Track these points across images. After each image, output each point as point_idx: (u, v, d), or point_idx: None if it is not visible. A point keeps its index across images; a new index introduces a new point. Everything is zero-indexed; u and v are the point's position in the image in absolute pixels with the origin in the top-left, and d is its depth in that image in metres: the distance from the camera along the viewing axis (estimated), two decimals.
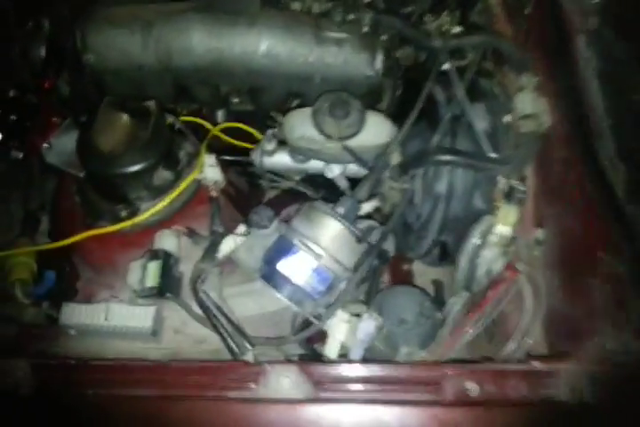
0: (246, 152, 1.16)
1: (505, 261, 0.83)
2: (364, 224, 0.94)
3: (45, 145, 1.01)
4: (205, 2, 1.02)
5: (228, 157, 1.18)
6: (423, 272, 1.13)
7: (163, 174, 0.94)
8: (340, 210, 0.88)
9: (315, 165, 1.06)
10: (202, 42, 1.02)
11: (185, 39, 1.02)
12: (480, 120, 0.93)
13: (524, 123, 0.87)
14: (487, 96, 0.96)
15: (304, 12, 1.07)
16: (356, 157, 0.96)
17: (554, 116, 0.86)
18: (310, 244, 0.83)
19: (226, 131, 1.19)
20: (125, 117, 0.93)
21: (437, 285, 1.10)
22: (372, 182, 0.94)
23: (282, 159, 1.07)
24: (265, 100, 1.17)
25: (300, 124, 0.97)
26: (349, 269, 0.85)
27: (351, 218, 0.88)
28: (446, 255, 0.98)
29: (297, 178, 1.16)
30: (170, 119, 1.04)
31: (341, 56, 1.04)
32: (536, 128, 0.86)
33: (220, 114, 1.24)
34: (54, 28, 1.06)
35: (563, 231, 0.83)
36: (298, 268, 0.82)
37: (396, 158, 0.95)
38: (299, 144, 0.98)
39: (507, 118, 0.92)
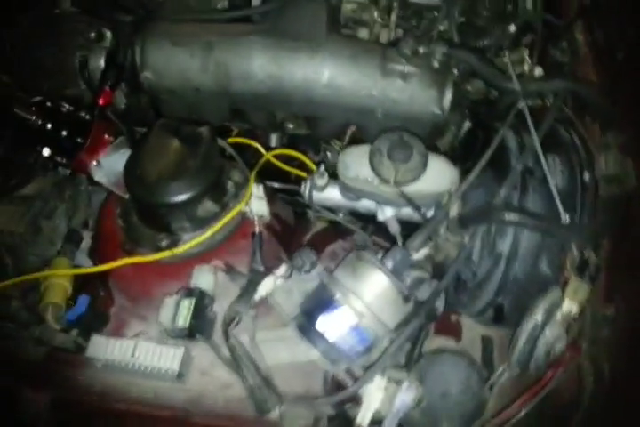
0: (296, 179, 1.12)
1: (568, 339, 0.74)
2: (413, 275, 0.87)
3: (94, 163, 0.99)
4: (269, 25, 0.97)
5: (277, 185, 1.14)
6: (472, 326, 1.04)
7: (207, 206, 0.90)
8: (389, 263, 0.81)
9: (366, 204, 1.00)
10: (262, 68, 0.97)
11: (245, 64, 0.98)
12: (556, 175, 0.85)
13: (605, 185, 0.78)
14: (566, 148, 0.88)
15: (371, 41, 1.01)
16: (413, 204, 0.89)
17: None
18: (353, 299, 0.77)
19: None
20: (176, 143, 0.90)
21: (487, 342, 1.01)
22: (427, 234, 0.86)
23: (332, 195, 1.01)
24: (322, 129, 1.12)
25: (356, 164, 0.91)
26: (392, 329, 0.78)
27: (400, 273, 0.82)
28: (501, 318, 0.89)
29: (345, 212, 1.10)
30: (221, 143, 1.01)
31: (407, 91, 0.98)
32: (619, 193, 0.77)
33: (274, 138, 1.20)
34: (115, 39, 1.03)
35: (637, 310, 0.74)
36: (337, 325, 0.76)
37: (455, 209, 0.88)
38: (352, 184, 0.92)
39: (586, 177, 0.83)
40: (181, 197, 0.86)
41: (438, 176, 0.90)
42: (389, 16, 1.07)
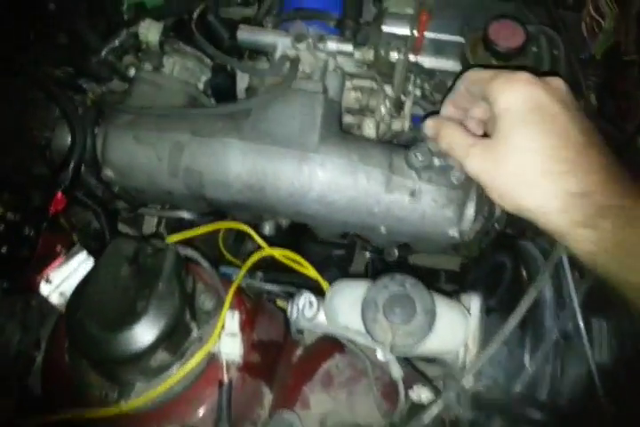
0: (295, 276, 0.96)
1: None
2: None
3: (44, 279, 0.84)
4: (250, 125, 0.79)
5: (269, 286, 0.98)
6: None
7: (162, 356, 0.75)
8: None
9: (362, 339, 0.83)
10: (240, 178, 0.80)
11: (220, 172, 0.80)
12: (601, 348, 0.66)
13: None
14: (616, 310, 0.68)
15: (375, 143, 0.81)
16: (414, 367, 0.72)
17: None
18: None
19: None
20: (127, 277, 0.74)
21: None
22: (437, 411, 0.69)
23: (322, 325, 0.84)
24: (318, 233, 0.94)
25: (347, 312, 0.74)
26: None
27: None
28: None
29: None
30: (193, 256, 0.85)
31: (417, 211, 0.79)
32: None
33: (267, 227, 1.03)
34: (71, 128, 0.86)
35: None
36: None
37: (469, 382, 0.69)
38: (342, 333, 0.75)
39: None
40: (127, 352, 0.71)
41: (447, 335, 0.72)
42: (402, 103, 0.87)
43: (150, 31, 0.90)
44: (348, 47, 0.81)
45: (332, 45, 0.81)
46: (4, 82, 0.95)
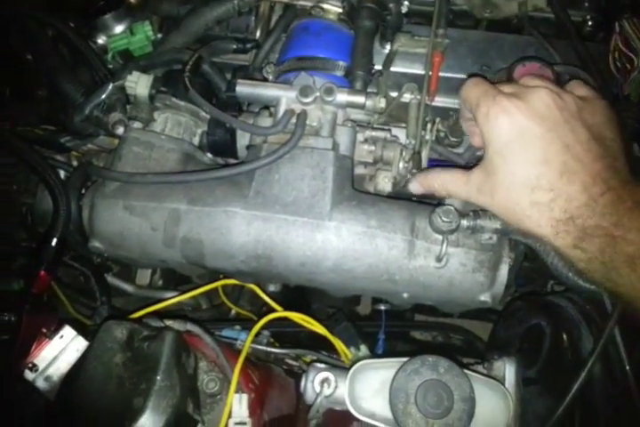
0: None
1: None
2: None
3: (28, 366, 0.75)
4: (254, 191, 0.71)
5: (277, 350, 0.89)
6: None
7: None
8: None
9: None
10: (244, 248, 0.71)
11: (222, 242, 0.71)
12: None
13: None
14: None
15: (394, 204, 0.73)
16: None
17: None
18: None
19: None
20: (120, 363, 0.66)
21: None
22: None
23: (341, 401, 0.75)
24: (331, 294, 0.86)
25: (372, 397, 0.65)
26: None
27: None
28: None
29: None
30: (197, 333, 0.76)
31: (444, 277, 0.71)
32: None
33: (273, 286, 0.94)
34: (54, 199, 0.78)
35: None
36: None
37: None
38: (366, 418, 0.66)
39: None
40: None
41: (488, 421, 0.63)
42: (419, 154, 0.79)
43: (139, 84, 0.82)
44: (360, 99, 0.73)
45: (342, 98, 0.73)
46: None
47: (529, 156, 0.60)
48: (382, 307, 1.08)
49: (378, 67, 0.87)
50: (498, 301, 0.73)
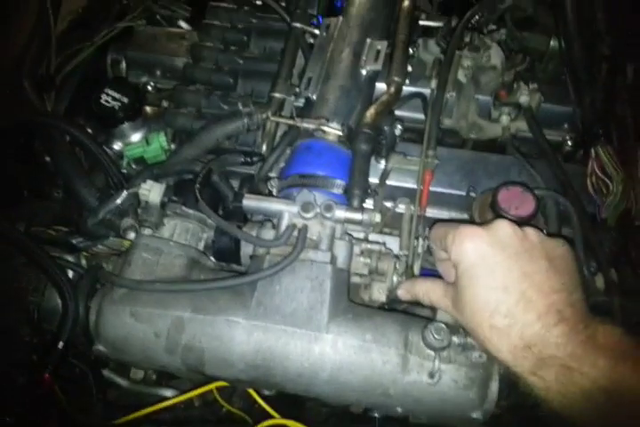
0: None
1: None
2: None
3: None
4: (255, 301, 0.75)
5: None
6: None
7: None
8: None
9: None
10: (244, 356, 0.74)
11: (223, 350, 0.74)
12: None
13: None
14: None
15: (388, 318, 0.77)
16: None
17: None
18: None
19: None
20: None
21: None
22: None
23: None
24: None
25: None
26: None
27: None
28: None
29: None
30: None
31: (437, 393, 0.73)
32: None
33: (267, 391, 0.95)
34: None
35: None
36: None
37: None
38: None
39: None
40: None
41: None
42: (411, 267, 0.84)
43: (152, 192, 0.88)
44: (357, 216, 0.79)
45: (340, 214, 0.79)
46: None
47: (490, 281, 0.64)
48: (376, 414, 1.07)
49: (373, 179, 0.95)
50: (488, 416, 0.74)
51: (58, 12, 1.23)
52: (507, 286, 0.63)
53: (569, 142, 1.09)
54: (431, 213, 0.97)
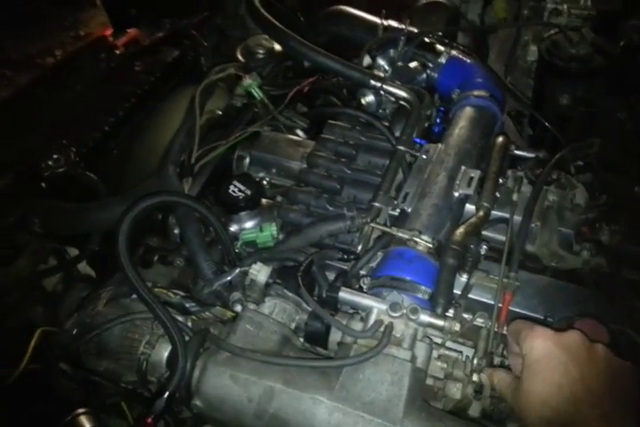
0: None
1: None
2: None
3: None
4: (341, 384, 0.84)
5: None
6: None
7: None
8: None
9: None
10: None
11: (305, 424, 0.83)
12: None
13: None
14: None
15: (459, 423, 0.83)
16: None
17: None
18: None
19: None
20: None
21: None
22: None
23: None
24: None
25: None
26: None
27: None
28: None
29: None
30: None
31: None
32: None
33: None
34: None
35: None
36: None
37: None
38: None
39: None
40: None
41: None
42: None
43: (260, 273, 1.03)
44: (440, 322, 0.88)
45: (425, 318, 0.89)
46: None
47: (548, 376, 0.73)
48: None
49: (455, 291, 1.05)
50: None
51: (202, 111, 1.50)
52: (562, 384, 0.72)
53: None
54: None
